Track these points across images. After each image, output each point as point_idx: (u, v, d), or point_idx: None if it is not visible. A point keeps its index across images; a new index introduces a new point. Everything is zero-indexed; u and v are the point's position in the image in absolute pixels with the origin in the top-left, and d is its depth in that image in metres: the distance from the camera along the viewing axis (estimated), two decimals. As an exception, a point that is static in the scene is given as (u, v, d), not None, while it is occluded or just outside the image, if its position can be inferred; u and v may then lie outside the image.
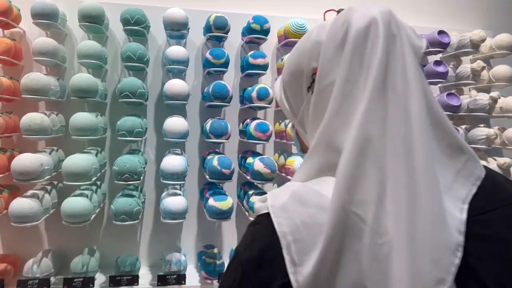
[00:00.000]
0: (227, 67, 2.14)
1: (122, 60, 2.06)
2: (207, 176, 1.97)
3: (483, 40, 2.40)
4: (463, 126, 2.37)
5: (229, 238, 2.37)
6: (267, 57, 2.18)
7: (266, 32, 2.17)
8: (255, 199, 1.94)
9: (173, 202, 1.90)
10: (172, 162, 1.90)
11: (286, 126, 2.15)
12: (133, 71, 2.24)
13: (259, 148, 2.39)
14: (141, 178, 1.92)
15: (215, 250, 2.22)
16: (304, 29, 2.15)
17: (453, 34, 2.48)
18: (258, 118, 2.17)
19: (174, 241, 2.33)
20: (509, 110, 2.34)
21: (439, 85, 2.42)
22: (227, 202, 1.91)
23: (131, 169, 1.86)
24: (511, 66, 2.42)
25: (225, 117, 2.33)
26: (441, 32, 2.37)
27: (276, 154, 2.33)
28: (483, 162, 2.21)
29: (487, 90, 2.51)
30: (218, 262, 2.10)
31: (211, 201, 1.90)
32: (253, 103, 2.08)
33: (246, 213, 2.05)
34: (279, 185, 2.14)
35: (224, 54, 2.11)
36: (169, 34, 2.17)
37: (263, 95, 2.05)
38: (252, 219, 1.83)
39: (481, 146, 2.30)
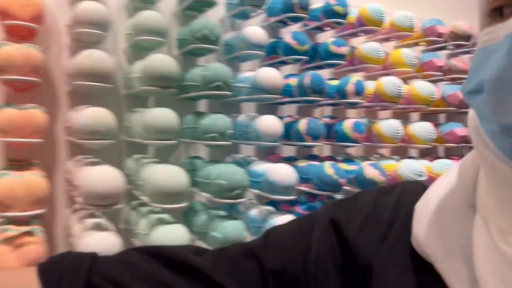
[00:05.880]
0: (308, 55, 1.79)
1: (193, 39, 1.56)
2: (311, 186, 1.62)
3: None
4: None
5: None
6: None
7: (345, 15, 1.87)
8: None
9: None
10: (284, 172, 1.50)
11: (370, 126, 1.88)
12: (192, 55, 1.75)
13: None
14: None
15: None
16: (383, 16, 1.92)
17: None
18: (334, 117, 1.88)
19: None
20: None
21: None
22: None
23: (243, 182, 1.41)
24: None
25: (276, 113, 1.96)
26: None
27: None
28: None
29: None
30: None
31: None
32: (346, 99, 1.78)
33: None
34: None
35: (306, 39, 1.76)
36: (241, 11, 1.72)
37: (361, 90, 1.77)
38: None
39: None
